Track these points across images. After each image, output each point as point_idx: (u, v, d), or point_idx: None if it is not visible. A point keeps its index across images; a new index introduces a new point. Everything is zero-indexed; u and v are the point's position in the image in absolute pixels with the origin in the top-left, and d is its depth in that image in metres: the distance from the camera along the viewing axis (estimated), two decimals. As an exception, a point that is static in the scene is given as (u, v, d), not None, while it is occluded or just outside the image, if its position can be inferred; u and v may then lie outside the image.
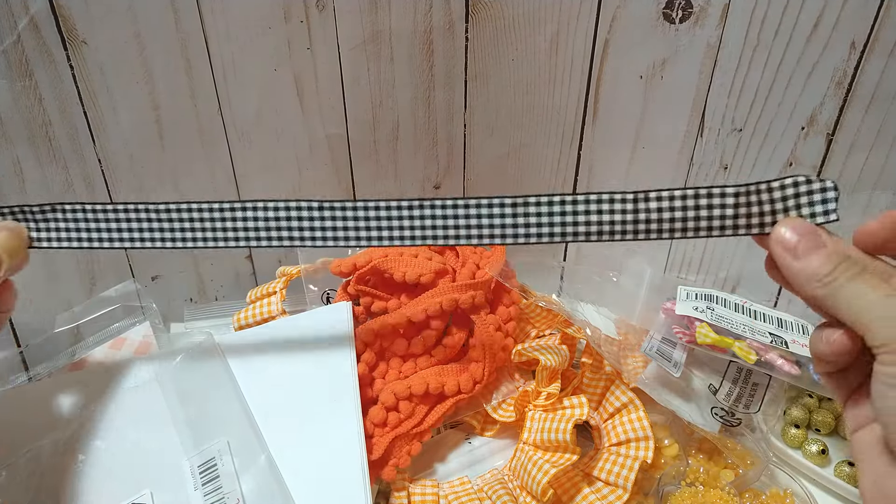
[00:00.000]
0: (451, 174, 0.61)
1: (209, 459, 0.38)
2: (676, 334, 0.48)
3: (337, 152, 0.58)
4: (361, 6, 0.51)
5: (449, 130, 0.59)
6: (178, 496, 0.37)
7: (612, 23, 0.51)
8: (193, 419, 0.40)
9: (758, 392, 0.48)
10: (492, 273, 0.48)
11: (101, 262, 0.57)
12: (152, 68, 0.50)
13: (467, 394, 0.46)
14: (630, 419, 0.45)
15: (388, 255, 0.48)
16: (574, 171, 0.60)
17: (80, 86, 0.49)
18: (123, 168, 0.53)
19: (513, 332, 0.49)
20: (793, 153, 0.52)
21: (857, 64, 0.47)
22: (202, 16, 0.49)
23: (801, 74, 0.48)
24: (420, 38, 0.53)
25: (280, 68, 0.52)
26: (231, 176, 0.57)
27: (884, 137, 0.48)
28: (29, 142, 0.50)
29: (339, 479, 0.38)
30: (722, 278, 0.60)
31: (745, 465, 0.45)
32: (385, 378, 0.46)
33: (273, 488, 0.37)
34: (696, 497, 0.42)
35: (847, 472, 0.45)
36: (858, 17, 0.45)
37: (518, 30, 0.53)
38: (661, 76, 0.52)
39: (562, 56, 0.54)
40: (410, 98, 0.56)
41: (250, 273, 0.63)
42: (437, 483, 0.45)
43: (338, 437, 0.40)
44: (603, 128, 0.56)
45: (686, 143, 0.55)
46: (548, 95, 0.56)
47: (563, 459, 0.41)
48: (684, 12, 0.49)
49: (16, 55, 0.46)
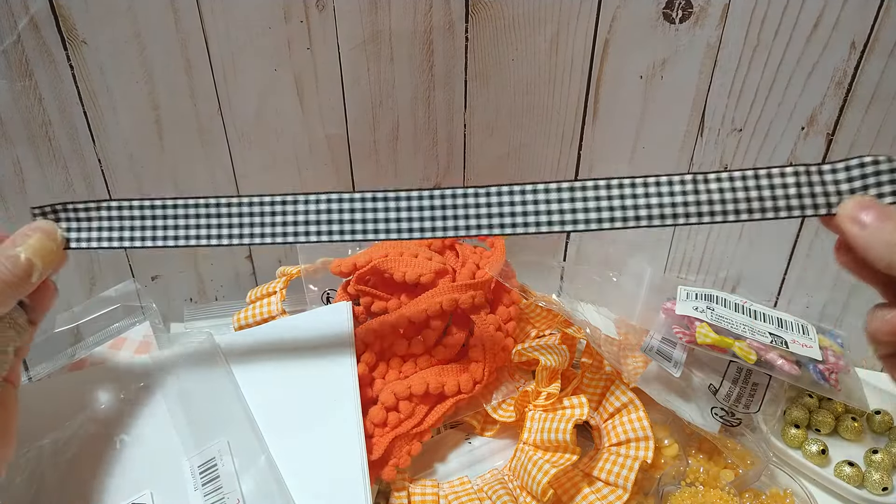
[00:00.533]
0: (451, 174, 0.61)
1: (209, 460, 0.38)
2: (676, 334, 0.48)
3: (337, 152, 0.58)
4: (361, 6, 0.51)
5: (449, 130, 0.59)
6: (178, 496, 0.37)
7: (612, 23, 0.51)
8: (193, 419, 0.40)
9: (758, 392, 0.48)
10: (492, 273, 0.48)
11: (100, 262, 0.57)
12: (152, 68, 0.50)
13: (467, 394, 0.46)
14: (630, 419, 0.45)
15: (388, 255, 0.48)
16: (574, 171, 0.60)
17: (80, 86, 0.49)
18: (123, 168, 0.53)
19: (513, 332, 0.49)
20: (793, 153, 0.52)
21: (857, 64, 0.47)
22: (202, 16, 0.49)
23: (801, 74, 0.48)
24: (420, 38, 0.53)
25: (280, 68, 0.52)
26: (231, 176, 0.57)
27: (884, 137, 0.48)
28: (29, 142, 0.50)
29: (339, 479, 0.38)
30: (722, 278, 0.60)
31: (745, 465, 0.45)
32: (385, 378, 0.46)
33: (273, 488, 0.37)
34: (696, 497, 0.42)
35: (847, 473, 0.45)
36: (858, 17, 0.45)
37: (518, 30, 0.53)
38: (661, 76, 0.52)
39: (562, 56, 0.54)
40: (410, 98, 0.56)
41: (250, 273, 0.63)
42: (437, 483, 0.45)
43: (338, 437, 0.40)
44: (603, 128, 0.56)
45: (686, 143, 0.55)
46: (548, 95, 0.56)
47: (563, 459, 0.41)
48: (684, 12, 0.49)
49: (16, 55, 0.46)
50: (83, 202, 0.36)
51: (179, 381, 0.42)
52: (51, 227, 0.35)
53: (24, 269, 0.33)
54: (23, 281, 0.33)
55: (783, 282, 0.57)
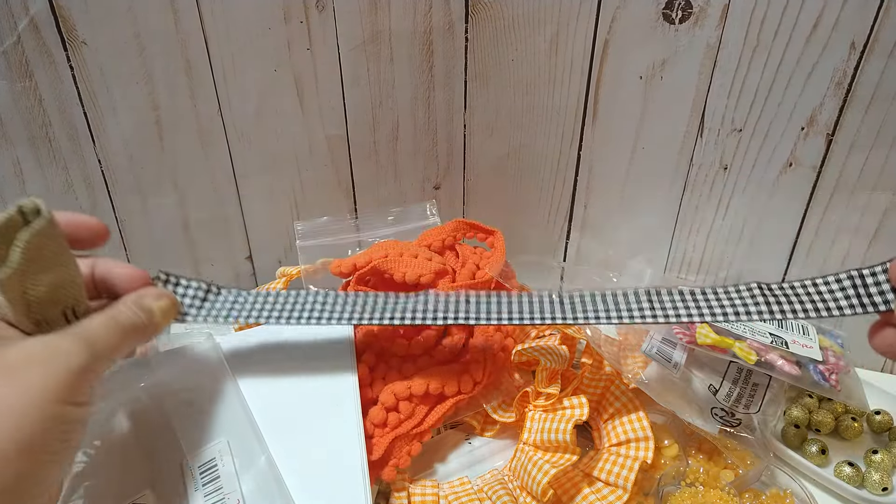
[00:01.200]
0: (451, 174, 0.62)
1: (210, 460, 0.38)
2: (676, 335, 0.48)
3: (337, 153, 0.58)
4: (361, 6, 0.51)
5: (449, 131, 0.59)
6: (178, 496, 0.37)
7: (611, 23, 0.51)
8: (194, 420, 0.40)
9: (758, 392, 0.48)
10: (492, 273, 0.48)
11: (101, 262, 0.57)
12: (152, 68, 0.50)
13: (467, 394, 0.46)
14: (630, 419, 0.45)
15: (388, 256, 0.48)
16: (574, 171, 0.60)
17: (80, 86, 0.49)
18: (123, 168, 0.53)
19: (513, 333, 0.49)
20: (793, 153, 0.52)
21: (857, 64, 0.47)
22: (202, 16, 0.49)
23: (801, 74, 0.48)
24: (420, 38, 0.53)
25: (280, 69, 0.52)
26: (231, 176, 0.57)
27: (884, 137, 0.48)
28: (29, 143, 0.50)
29: (339, 479, 0.38)
30: (722, 278, 0.60)
31: (745, 465, 0.45)
32: (385, 378, 0.46)
33: (273, 489, 0.37)
34: (696, 497, 0.42)
35: (847, 473, 0.45)
36: (858, 17, 0.45)
37: (518, 30, 0.53)
38: (661, 76, 0.52)
39: (562, 56, 0.54)
40: (410, 98, 0.56)
41: (250, 273, 0.63)
42: (437, 483, 0.45)
43: (338, 437, 0.40)
44: (603, 128, 0.56)
45: (686, 143, 0.55)
46: (548, 95, 0.56)
47: (563, 460, 0.41)
48: (684, 13, 0.49)
49: (16, 56, 0.46)
50: (205, 283, 0.39)
51: (179, 381, 0.42)
52: (176, 300, 0.37)
53: (154, 326, 0.34)
54: (147, 335, 0.34)
55: (783, 282, 0.57)
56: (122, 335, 0.32)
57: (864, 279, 0.35)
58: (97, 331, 0.30)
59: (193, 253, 0.60)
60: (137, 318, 0.33)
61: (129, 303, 0.33)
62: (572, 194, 0.61)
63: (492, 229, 0.52)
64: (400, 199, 0.62)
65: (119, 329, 0.32)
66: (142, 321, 0.33)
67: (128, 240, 0.57)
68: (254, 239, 0.61)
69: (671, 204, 0.58)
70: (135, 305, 0.33)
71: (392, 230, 0.56)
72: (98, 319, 0.31)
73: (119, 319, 0.32)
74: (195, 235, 0.59)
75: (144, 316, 0.33)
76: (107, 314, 0.32)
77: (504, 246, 0.51)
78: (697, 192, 0.57)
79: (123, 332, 0.32)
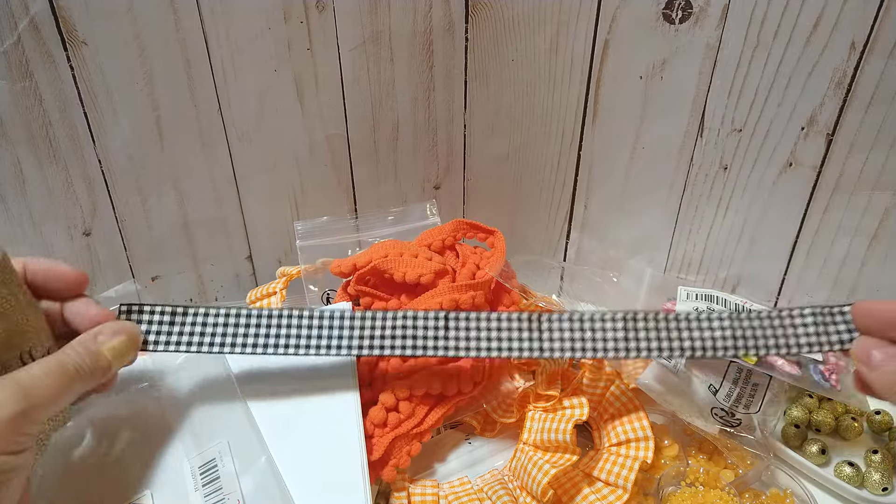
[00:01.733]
0: (451, 175, 0.62)
1: (210, 460, 0.38)
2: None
3: (337, 153, 0.58)
4: (361, 7, 0.51)
5: (449, 131, 0.59)
6: (178, 497, 0.37)
7: (612, 23, 0.51)
8: (194, 420, 0.40)
9: (758, 392, 0.48)
10: (492, 273, 0.48)
11: (101, 262, 0.57)
12: (152, 68, 0.50)
13: (467, 394, 0.46)
14: (630, 419, 0.45)
15: (388, 256, 0.48)
16: (574, 171, 0.60)
17: (80, 86, 0.49)
18: (123, 168, 0.53)
19: (513, 333, 0.49)
20: (793, 153, 0.52)
21: (857, 64, 0.47)
22: (202, 16, 0.49)
23: (801, 74, 0.48)
24: (420, 38, 0.53)
25: (280, 69, 0.52)
26: (231, 176, 0.57)
27: (884, 137, 0.48)
28: (29, 143, 0.50)
29: (339, 479, 0.38)
30: (722, 278, 0.60)
31: (745, 466, 0.45)
32: (385, 378, 0.46)
33: (273, 489, 0.37)
34: (696, 497, 0.42)
35: (847, 473, 0.45)
36: (858, 17, 0.45)
37: (518, 30, 0.53)
38: (661, 76, 0.52)
39: (562, 56, 0.54)
40: (410, 98, 0.56)
41: (250, 273, 0.63)
42: (437, 483, 0.45)
43: (338, 437, 0.40)
44: (603, 128, 0.56)
45: (686, 143, 0.55)
46: (548, 96, 0.56)
47: (563, 460, 0.41)
48: (684, 13, 0.49)
49: (16, 56, 0.46)
50: (171, 307, 0.38)
51: (179, 381, 0.42)
52: (136, 333, 0.36)
53: (102, 369, 0.33)
54: (96, 379, 0.33)
55: (783, 282, 0.57)
56: (66, 380, 0.30)
57: (830, 316, 0.37)
58: (37, 377, 0.29)
59: (193, 253, 0.60)
60: (82, 362, 0.32)
61: (76, 345, 0.32)
62: (572, 194, 0.61)
63: (492, 229, 0.52)
64: (400, 199, 0.62)
65: (62, 374, 0.30)
66: (87, 365, 0.32)
67: (128, 240, 0.57)
68: (254, 239, 0.61)
69: (671, 204, 0.58)
70: (81, 347, 0.32)
71: (392, 230, 0.56)
72: (40, 365, 0.30)
73: (64, 363, 0.31)
74: (195, 235, 0.59)
75: (90, 360, 0.32)
76: (53, 358, 0.31)
77: (504, 246, 0.51)
78: (697, 192, 0.57)
79: (67, 377, 0.30)
